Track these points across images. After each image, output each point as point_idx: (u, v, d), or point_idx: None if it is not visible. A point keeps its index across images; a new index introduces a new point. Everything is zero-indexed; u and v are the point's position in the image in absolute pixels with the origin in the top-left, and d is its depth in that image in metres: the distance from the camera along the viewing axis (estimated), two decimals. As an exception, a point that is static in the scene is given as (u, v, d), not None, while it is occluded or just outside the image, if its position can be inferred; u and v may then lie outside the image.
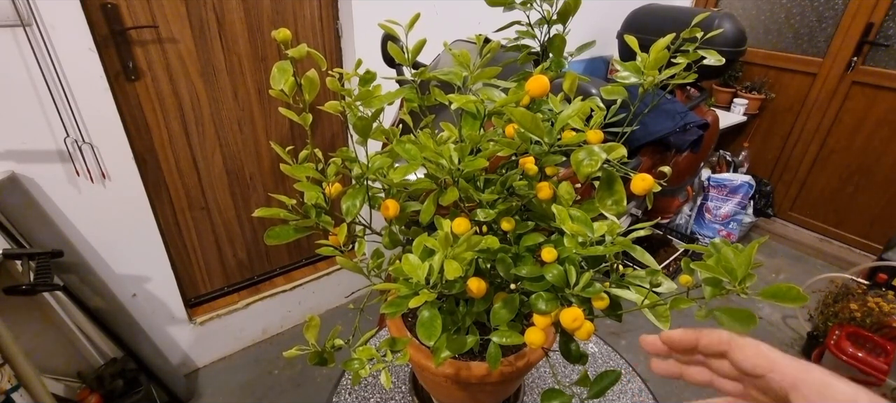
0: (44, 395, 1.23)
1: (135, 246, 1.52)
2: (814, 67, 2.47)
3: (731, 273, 0.37)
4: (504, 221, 0.53)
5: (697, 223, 2.74)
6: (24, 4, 1.10)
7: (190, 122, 1.58)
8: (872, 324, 1.72)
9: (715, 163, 2.80)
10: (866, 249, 2.49)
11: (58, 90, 1.22)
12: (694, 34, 0.52)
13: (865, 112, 2.35)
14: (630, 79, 0.52)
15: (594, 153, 0.45)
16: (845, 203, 2.53)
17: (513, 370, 0.61)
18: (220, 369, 1.89)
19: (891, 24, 2.20)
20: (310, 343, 0.51)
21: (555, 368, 0.87)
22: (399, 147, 0.51)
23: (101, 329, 1.42)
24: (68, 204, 1.35)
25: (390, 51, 0.58)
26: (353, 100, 0.51)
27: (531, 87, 0.50)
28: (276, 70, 0.47)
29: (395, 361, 0.50)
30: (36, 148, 1.25)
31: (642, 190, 0.46)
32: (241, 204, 1.82)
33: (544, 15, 0.60)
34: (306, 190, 0.54)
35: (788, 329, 2.15)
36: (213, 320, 1.83)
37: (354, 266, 0.53)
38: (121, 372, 1.50)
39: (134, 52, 1.39)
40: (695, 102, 1.91)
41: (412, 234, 0.61)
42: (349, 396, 0.84)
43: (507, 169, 0.60)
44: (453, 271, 0.41)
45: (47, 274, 1.16)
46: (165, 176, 1.60)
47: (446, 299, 0.58)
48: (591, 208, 0.49)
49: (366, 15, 1.69)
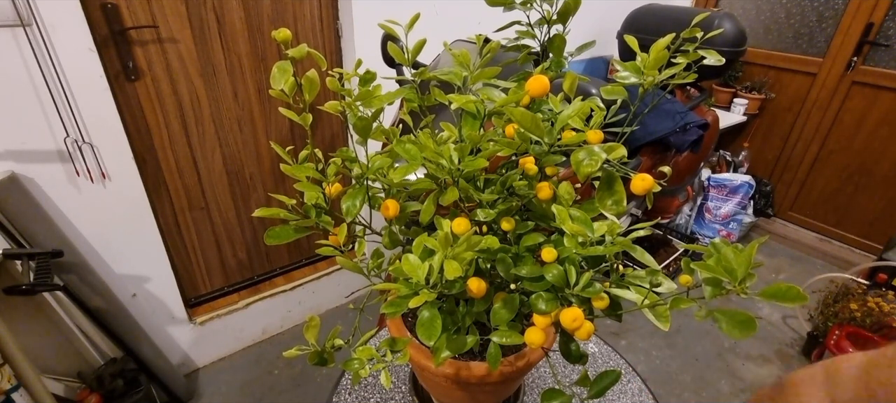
0: (44, 395, 1.22)
1: (135, 245, 1.52)
2: (814, 67, 2.47)
3: (732, 273, 0.37)
4: (504, 221, 0.53)
5: (697, 223, 2.74)
6: (24, 4, 1.10)
7: (190, 122, 1.58)
8: (872, 324, 1.72)
9: (715, 163, 2.80)
10: (866, 249, 2.49)
11: (58, 90, 1.22)
12: (694, 34, 0.52)
13: (865, 112, 2.35)
14: (630, 79, 0.52)
15: (594, 153, 0.45)
16: (845, 203, 2.53)
17: (513, 370, 0.61)
18: (220, 369, 1.89)
19: (891, 24, 2.20)
20: (310, 343, 0.51)
21: (555, 368, 0.87)
22: (399, 147, 0.51)
23: (101, 329, 1.42)
24: (68, 205, 1.35)
25: (390, 51, 0.58)
26: (353, 100, 0.51)
27: (531, 87, 0.50)
28: (276, 70, 0.47)
29: (395, 361, 0.50)
30: (36, 148, 1.25)
31: (642, 190, 0.46)
32: (241, 204, 1.82)
33: (544, 15, 0.60)
34: (306, 190, 0.54)
35: (788, 329, 2.15)
36: (213, 320, 1.83)
37: (354, 266, 0.53)
38: (121, 372, 1.50)
39: (134, 52, 1.39)
40: (695, 102, 1.91)
41: (412, 234, 0.61)
42: (349, 396, 0.84)
43: (507, 169, 0.60)
44: (453, 271, 0.41)
45: (47, 274, 1.16)
46: (165, 176, 1.60)
47: (446, 299, 0.58)
48: (591, 208, 0.49)
49: (366, 15, 1.69)
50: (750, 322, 0.37)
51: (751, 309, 0.38)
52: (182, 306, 1.73)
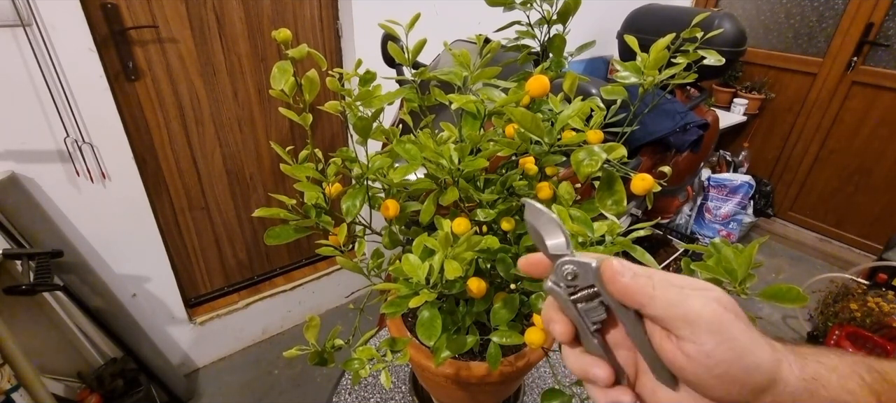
0: (44, 395, 1.22)
1: (135, 246, 1.52)
2: (814, 67, 2.46)
3: (732, 273, 0.37)
4: (504, 221, 0.53)
5: (697, 223, 2.74)
6: (24, 4, 1.10)
7: (190, 122, 1.58)
8: (872, 324, 1.72)
9: (715, 163, 2.80)
10: (866, 249, 2.49)
11: (58, 90, 1.22)
12: (694, 34, 0.52)
13: (865, 112, 2.35)
14: (630, 79, 0.52)
15: (594, 153, 0.45)
16: (845, 203, 2.53)
17: (513, 370, 0.61)
18: (220, 369, 1.89)
19: (891, 24, 2.20)
20: (310, 343, 0.51)
21: (555, 368, 0.87)
22: (399, 147, 0.51)
23: (101, 329, 1.42)
24: (68, 204, 1.35)
25: (390, 51, 0.58)
26: (353, 100, 0.51)
27: (531, 87, 0.50)
28: (276, 70, 0.47)
29: (395, 361, 0.50)
30: (36, 148, 1.25)
31: (642, 190, 0.46)
32: (241, 204, 1.82)
33: (544, 15, 0.60)
34: (306, 190, 0.54)
35: (788, 329, 2.15)
36: (213, 320, 1.83)
37: (354, 266, 0.53)
38: (121, 372, 1.50)
39: (134, 52, 1.39)
40: (695, 102, 1.91)
41: (412, 234, 0.61)
42: (349, 396, 0.84)
43: (507, 169, 0.60)
44: (453, 271, 0.41)
45: (47, 274, 1.16)
46: (165, 176, 1.60)
47: (446, 299, 0.58)
48: (591, 208, 0.49)
49: (366, 15, 1.69)
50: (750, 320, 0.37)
51: (751, 310, 0.38)
52: (182, 306, 1.73)
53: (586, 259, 0.29)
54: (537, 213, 0.30)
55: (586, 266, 0.29)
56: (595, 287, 0.29)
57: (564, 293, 0.29)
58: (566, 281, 0.29)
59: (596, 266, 0.28)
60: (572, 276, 0.29)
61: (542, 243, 0.30)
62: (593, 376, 0.30)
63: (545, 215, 0.29)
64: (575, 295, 0.29)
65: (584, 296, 0.29)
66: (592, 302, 0.29)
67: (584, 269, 0.29)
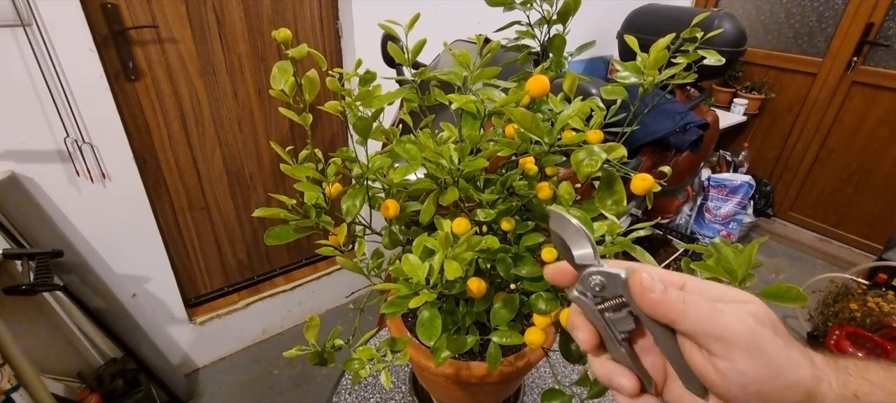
0: (44, 395, 1.23)
1: (135, 246, 1.52)
2: (814, 67, 2.46)
3: (731, 273, 0.37)
4: (504, 221, 0.53)
5: (697, 223, 2.74)
6: (24, 4, 1.10)
7: (190, 122, 1.58)
8: (872, 324, 1.72)
9: (715, 163, 2.80)
10: (866, 249, 2.49)
11: (58, 90, 1.22)
12: (694, 34, 0.52)
13: (865, 112, 2.35)
14: (630, 79, 0.52)
15: (594, 153, 0.45)
16: (845, 203, 2.53)
17: (513, 370, 0.61)
18: (220, 369, 1.89)
19: (891, 24, 2.20)
20: (310, 343, 0.51)
21: (555, 368, 0.87)
22: (399, 147, 0.51)
23: (101, 329, 1.42)
24: (68, 205, 1.35)
25: (390, 51, 0.58)
26: (353, 100, 0.51)
27: (531, 87, 0.50)
28: (276, 70, 0.47)
29: (395, 361, 0.50)
30: (36, 148, 1.25)
31: (642, 190, 0.46)
32: (241, 204, 1.82)
33: (544, 15, 0.60)
34: (306, 190, 0.54)
35: (788, 329, 2.13)
36: (213, 320, 1.83)
37: (354, 266, 0.53)
38: (121, 372, 1.50)
39: (134, 52, 1.39)
40: (695, 102, 1.91)
41: (412, 234, 0.61)
42: (349, 396, 0.84)
43: (507, 169, 0.60)
44: (453, 271, 0.41)
45: (47, 274, 1.16)
46: (165, 176, 1.60)
47: (446, 299, 0.58)
48: (592, 208, 0.49)
49: (366, 15, 1.69)
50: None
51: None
52: (182, 306, 1.73)
53: (615, 270, 0.28)
54: (563, 223, 0.29)
55: (615, 277, 0.28)
56: (623, 297, 0.28)
57: (592, 303, 0.29)
58: (593, 292, 0.29)
59: (625, 277, 0.28)
60: (600, 287, 0.28)
61: (568, 252, 0.29)
62: (618, 385, 0.29)
63: (572, 225, 0.29)
64: (602, 305, 0.29)
65: (612, 306, 0.29)
66: (620, 313, 0.29)
67: (612, 280, 0.28)
